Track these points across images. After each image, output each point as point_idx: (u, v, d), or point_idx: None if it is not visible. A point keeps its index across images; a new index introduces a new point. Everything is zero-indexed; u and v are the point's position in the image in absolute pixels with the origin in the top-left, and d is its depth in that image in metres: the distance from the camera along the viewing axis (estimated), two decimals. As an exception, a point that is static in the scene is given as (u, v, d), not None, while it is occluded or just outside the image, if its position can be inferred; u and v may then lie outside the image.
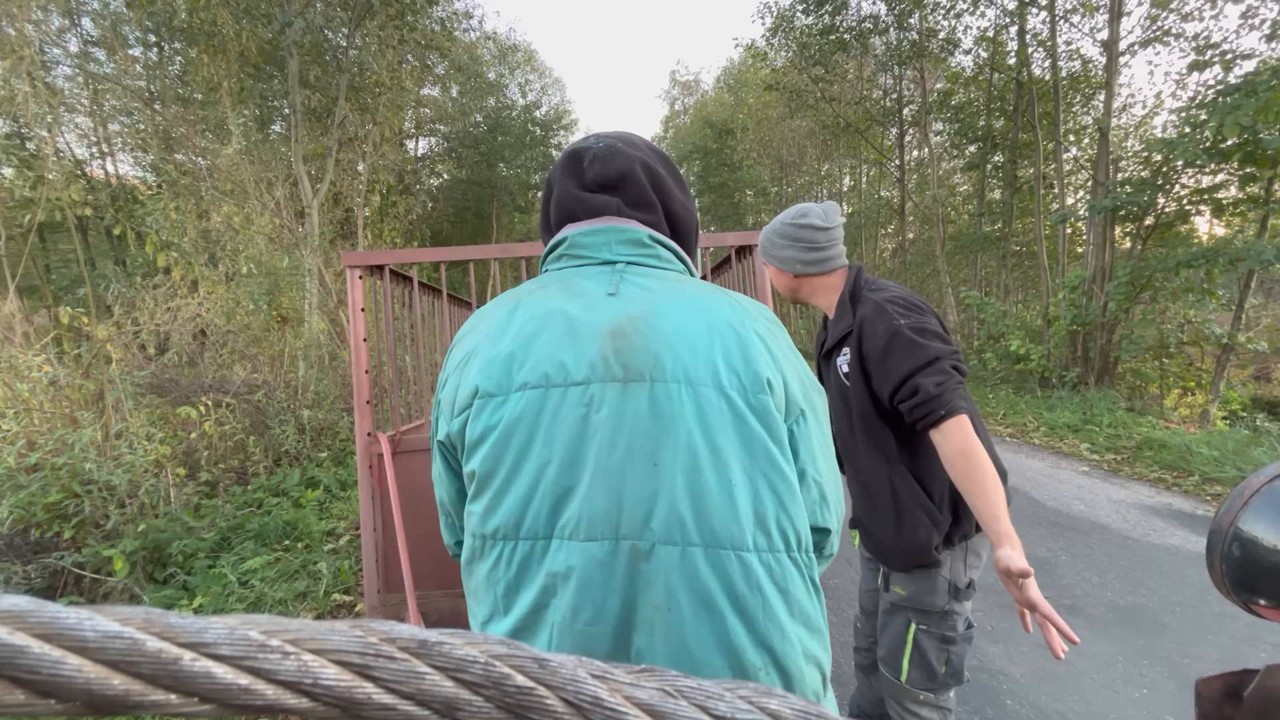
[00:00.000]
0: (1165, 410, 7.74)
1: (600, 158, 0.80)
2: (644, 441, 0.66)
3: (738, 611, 0.64)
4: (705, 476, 0.65)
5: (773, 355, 0.72)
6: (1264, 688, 0.37)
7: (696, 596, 0.63)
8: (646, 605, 0.64)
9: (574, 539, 0.65)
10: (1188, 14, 8.47)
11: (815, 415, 0.76)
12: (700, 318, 0.71)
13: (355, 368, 2.15)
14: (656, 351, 0.68)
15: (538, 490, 0.66)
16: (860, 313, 1.36)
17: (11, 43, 6.21)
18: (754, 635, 0.64)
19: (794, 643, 0.65)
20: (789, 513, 0.67)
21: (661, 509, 0.65)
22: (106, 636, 0.18)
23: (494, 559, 0.69)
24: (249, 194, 7.80)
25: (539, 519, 0.66)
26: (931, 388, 1.22)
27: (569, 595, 0.64)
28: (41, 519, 3.13)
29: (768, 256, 1.46)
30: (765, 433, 0.68)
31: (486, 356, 0.71)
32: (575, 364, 0.69)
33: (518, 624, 0.67)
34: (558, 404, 0.68)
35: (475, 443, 0.70)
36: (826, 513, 0.74)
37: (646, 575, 0.64)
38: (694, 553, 0.64)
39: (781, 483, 0.68)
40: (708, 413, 0.67)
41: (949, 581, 1.36)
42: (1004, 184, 12.76)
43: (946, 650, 1.38)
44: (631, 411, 0.67)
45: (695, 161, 24.36)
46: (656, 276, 0.76)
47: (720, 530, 0.64)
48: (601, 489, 0.65)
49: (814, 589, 0.70)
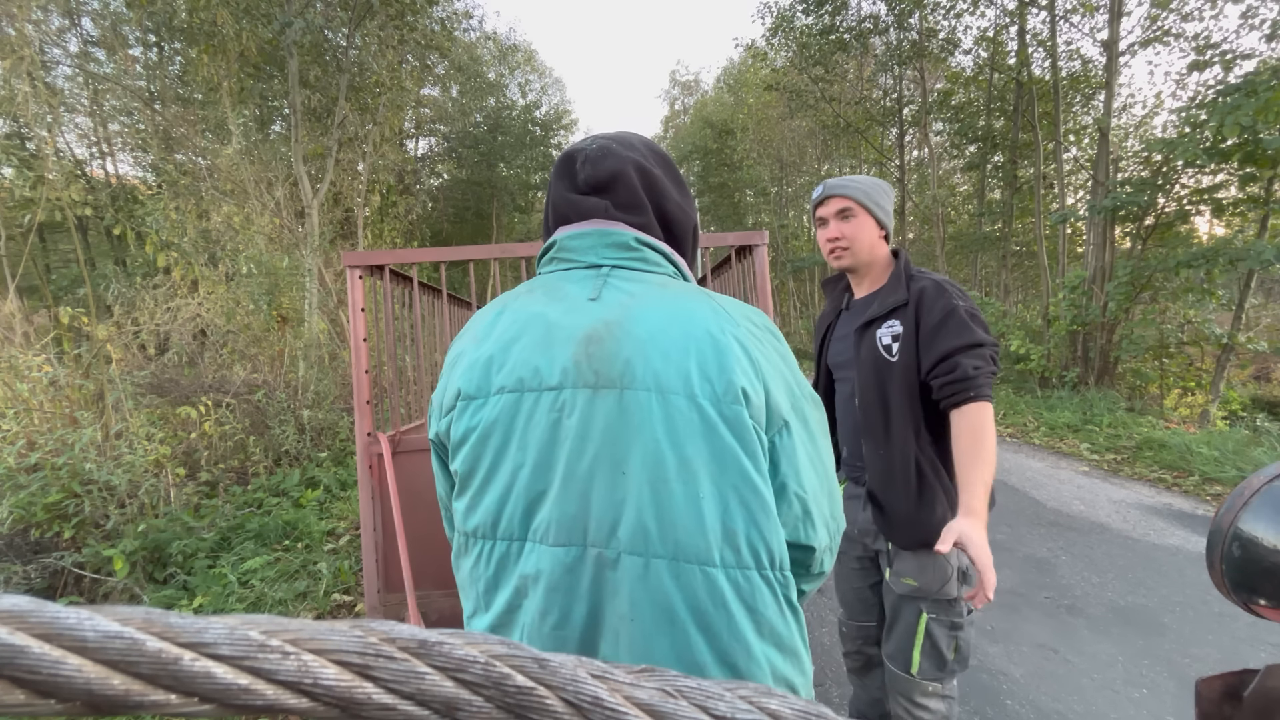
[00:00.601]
0: (1165, 410, 7.75)
1: (592, 159, 0.80)
2: (612, 449, 0.65)
3: (700, 628, 0.63)
4: (672, 488, 0.64)
5: (753, 363, 0.69)
6: (1264, 688, 0.37)
7: (659, 609, 0.63)
8: (612, 614, 0.64)
9: (544, 543, 0.66)
10: (1188, 14, 8.48)
11: (804, 426, 0.73)
12: (677, 323, 0.69)
13: (355, 368, 2.15)
14: (628, 358, 0.67)
15: (512, 492, 0.68)
16: (917, 286, 1.40)
17: (11, 43, 6.21)
18: (716, 653, 0.63)
19: (760, 663, 0.64)
20: (760, 529, 0.65)
21: (628, 518, 0.64)
22: (106, 636, 0.18)
23: (475, 556, 0.70)
24: (249, 194, 7.81)
25: (514, 521, 0.68)
26: (970, 369, 1.27)
27: (538, 598, 0.65)
28: (41, 519, 3.13)
29: (873, 205, 1.45)
30: (738, 445, 0.65)
31: (470, 359, 0.73)
32: (549, 369, 0.69)
33: (495, 621, 0.68)
34: (531, 408, 0.68)
35: (458, 443, 0.72)
36: (810, 530, 0.70)
37: (613, 584, 0.64)
38: (658, 565, 0.63)
39: (753, 498, 0.65)
40: (677, 422, 0.65)
41: (956, 567, 1.40)
42: (1004, 184, 12.77)
43: (955, 637, 1.42)
44: (601, 418, 0.66)
45: (695, 161, 24.37)
46: (641, 280, 0.75)
47: (685, 543, 0.63)
48: (571, 495, 0.65)
49: (788, 608, 0.68)
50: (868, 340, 1.46)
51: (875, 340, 1.44)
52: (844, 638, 1.79)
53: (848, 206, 1.44)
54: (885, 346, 1.42)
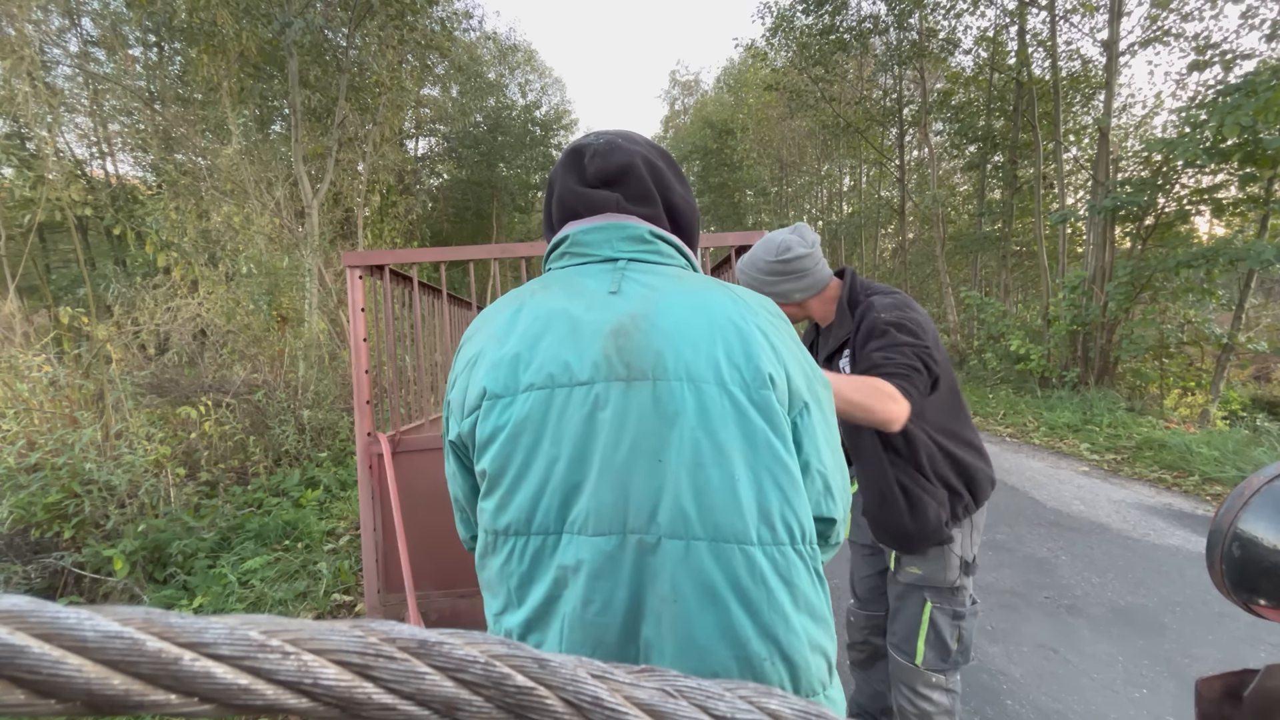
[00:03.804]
0: (1165, 410, 7.75)
1: (601, 153, 0.81)
2: (648, 439, 0.67)
3: (742, 603, 0.65)
4: (708, 472, 0.66)
5: (775, 349, 0.73)
6: (1264, 688, 0.37)
7: (701, 589, 0.65)
8: (654, 597, 0.66)
9: (583, 534, 0.67)
10: (1188, 14, 8.48)
11: (819, 407, 0.76)
12: (702, 314, 0.72)
13: (355, 368, 2.15)
14: (659, 349, 0.69)
15: (547, 487, 0.68)
16: (858, 315, 1.42)
17: (11, 43, 6.21)
18: (759, 626, 0.65)
19: (799, 633, 0.67)
20: (793, 506, 0.68)
21: (666, 504, 0.66)
22: (106, 636, 0.18)
23: (507, 553, 0.71)
24: (249, 194, 7.81)
25: (549, 515, 0.68)
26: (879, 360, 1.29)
27: (579, 587, 0.67)
28: (41, 519, 3.13)
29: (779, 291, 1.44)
30: (768, 427, 0.68)
31: (493, 358, 0.73)
32: (579, 364, 0.70)
33: (531, 615, 0.69)
34: (564, 403, 0.69)
35: (485, 442, 0.72)
36: (831, 503, 0.75)
37: (653, 568, 0.66)
38: (698, 546, 0.65)
39: (785, 476, 0.68)
40: (710, 409, 0.68)
41: (959, 557, 1.45)
42: (1004, 184, 12.77)
43: (958, 626, 1.46)
44: (636, 410, 0.68)
45: (695, 161, 24.34)
46: (658, 273, 0.77)
47: (724, 524, 0.66)
48: (608, 485, 0.67)
49: (819, 580, 0.71)
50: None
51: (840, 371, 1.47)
52: (851, 628, 1.81)
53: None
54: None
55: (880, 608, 1.71)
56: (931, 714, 1.48)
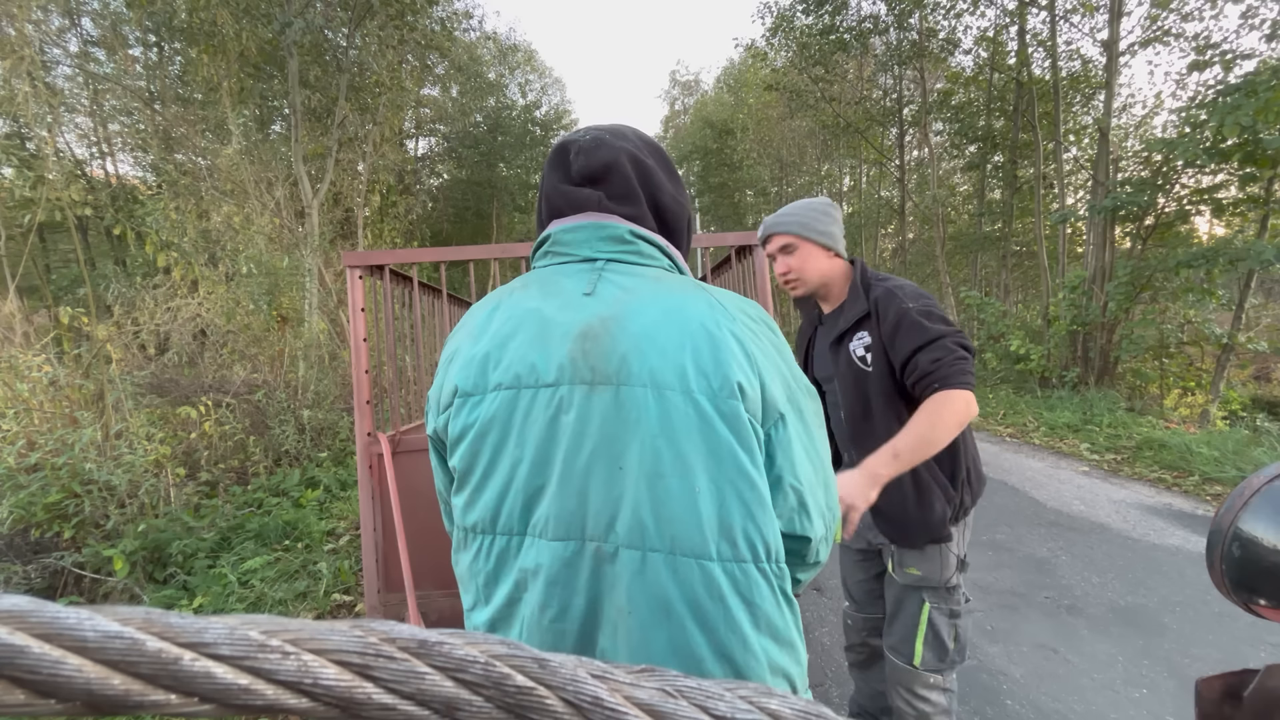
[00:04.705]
0: (1165, 410, 7.74)
1: (585, 150, 0.79)
2: (609, 445, 0.66)
3: (697, 621, 0.63)
4: (668, 482, 0.64)
5: (749, 357, 0.69)
6: (1264, 688, 0.37)
7: (655, 603, 0.63)
8: (610, 607, 0.65)
9: (544, 537, 0.67)
10: (1188, 14, 8.48)
11: (800, 418, 0.72)
12: (674, 319, 0.69)
13: (355, 368, 2.15)
14: (624, 354, 0.67)
15: (511, 488, 0.68)
16: (874, 296, 1.44)
17: (11, 43, 6.21)
18: (714, 645, 0.63)
19: (758, 655, 0.64)
20: (757, 522, 0.65)
21: (625, 513, 0.64)
22: (106, 636, 0.18)
23: (475, 551, 0.71)
24: (249, 194, 7.81)
25: (513, 516, 0.68)
26: (927, 364, 1.31)
27: (538, 591, 0.66)
28: (41, 519, 3.13)
29: (814, 234, 1.45)
30: (734, 438, 0.65)
31: (466, 356, 0.73)
32: (545, 365, 0.69)
33: (495, 614, 0.69)
34: (529, 405, 0.69)
35: (456, 439, 0.72)
36: (806, 521, 0.70)
37: (611, 577, 0.65)
38: (655, 558, 0.64)
39: (750, 491, 0.65)
40: (673, 418, 0.65)
41: (956, 555, 1.46)
42: (1004, 184, 12.76)
43: (955, 625, 1.48)
44: (598, 414, 0.66)
45: (695, 161, 24.33)
46: (636, 274, 0.75)
47: (681, 537, 0.63)
48: (569, 490, 0.66)
49: (784, 600, 0.68)
50: (844, 354, 1.50)
51: (850, 353, 1.48)
52: (849, 630, 1.81)
53: (789, 242, 1.48)
54: (860, 357, 1.46)
55: (877, 610, 1.72)
56: (930, 714, 1.49)
